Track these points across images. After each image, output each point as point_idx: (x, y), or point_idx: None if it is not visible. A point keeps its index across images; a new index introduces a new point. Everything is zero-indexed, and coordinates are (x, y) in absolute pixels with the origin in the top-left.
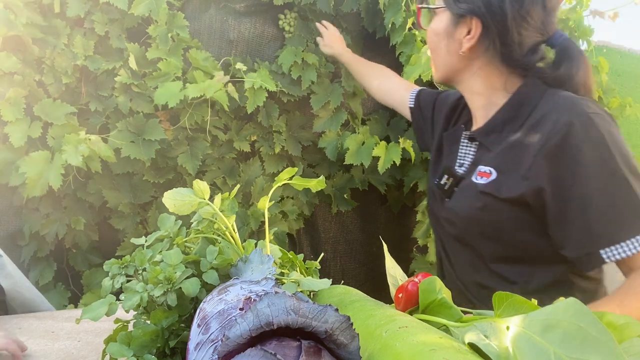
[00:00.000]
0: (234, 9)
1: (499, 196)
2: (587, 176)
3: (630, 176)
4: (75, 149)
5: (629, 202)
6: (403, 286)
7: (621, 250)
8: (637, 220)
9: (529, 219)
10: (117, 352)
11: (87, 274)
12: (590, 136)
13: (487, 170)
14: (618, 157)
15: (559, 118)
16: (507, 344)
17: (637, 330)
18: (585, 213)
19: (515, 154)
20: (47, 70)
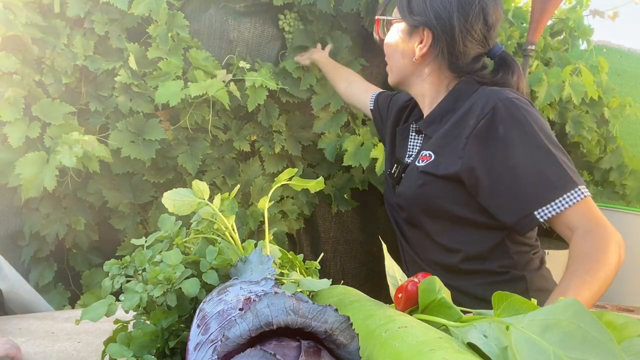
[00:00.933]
0: (234, 9)
1: (437, 173)
2: (514, 149)
3: (551, 146)
4: (69, 149)
5: (553, 166)
6: (403, 286)
7: (552, 209)
8: (562, 182)
9: (464, 194)
10: (116, 352)
11: (86, 274)
12: (514, 115)
13: (427, 154)
14: (539, 131)
15: (485, 103)
16: (506, 344)
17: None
18: (517, 181)
19: (451, 138)
20: (47, 70)
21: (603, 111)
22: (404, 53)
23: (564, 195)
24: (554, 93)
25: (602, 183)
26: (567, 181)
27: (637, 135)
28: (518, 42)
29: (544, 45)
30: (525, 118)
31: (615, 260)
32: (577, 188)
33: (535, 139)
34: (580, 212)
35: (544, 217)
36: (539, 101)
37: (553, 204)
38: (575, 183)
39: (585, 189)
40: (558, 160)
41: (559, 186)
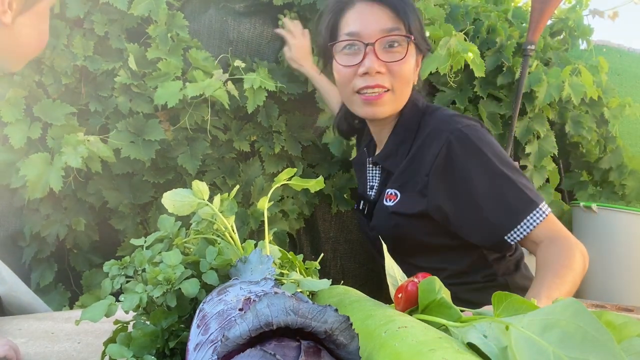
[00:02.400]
0: (234, 9)
1: (405, 213)
2: (473, 182)
3: (507, 170)
4: (74, 150)
5: (512, 191)
6: (402, 286)
7: (519, 232)
8: (523, 205)
9: (436, 226)
10: (116, 352)
11: (87, 274)
12: (467, 147)
13: (392, 193)
14: (493, 158)
15: (438, 138)
16: (506, 344)
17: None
18: (482, 212)
19: (411, 175)
20: (46, 71)
21: (603, 111)
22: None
23: (527, 218)
24: (553, 93)
25: (602, 183)
26: (528, 203)
27: (636, 135)
28: (518, 42)
29: (543, 45)
30: (478, 147)
31: (581, 266)
32: (538, 208)
33: (490, 167)
34: (544, 229)
35: (513, 240)
36: (538, 101)
37: (519, 227)
38: (535, 203)
39: (545, 205)
40: (516, 183)
41: (521, 210)
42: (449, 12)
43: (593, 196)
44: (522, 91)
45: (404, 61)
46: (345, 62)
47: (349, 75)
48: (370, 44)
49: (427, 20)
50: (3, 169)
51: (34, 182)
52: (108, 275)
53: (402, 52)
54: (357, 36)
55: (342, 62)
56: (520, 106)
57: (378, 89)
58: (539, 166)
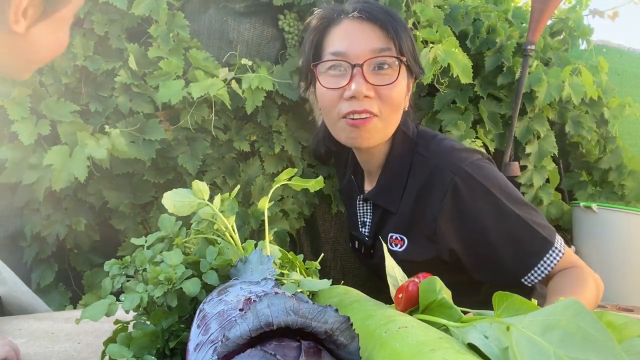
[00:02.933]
0: (234, 9)
1: (416, 260)
2: (484, 225)
3: (517, 209)
4: (96, 142)
5: (526, 232)
6: (403, 286)
7: (537, 274)
8: (539, 246)
9: (450, 266)
10: (116, 353)
11: (87, 274)
12: (474, 189)
13: (398, 238)
14: (501, 197)
15: (442, 181)
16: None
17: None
18: (496, 255)
19: (417, 220)
20: (46, 71)
21: (603, 111)
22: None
23: (544, 259)
24: (553, 93)
25: (601, 183)
26: (543, 243)
27: (636, 135)
28: (518, 42)
29: (543, 45)
30: (484, 187)
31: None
32: (554, 247)
33: (501, 208)
34: (561, 266)
35: (532, 282)
36: (538, 101)
37: (537, 268)
38: (551, 243)
39: (560, 241)
40: (527, 222)
41: (536, 252)
42: (449, 12)
43: (592, 196)
44: (522, 91)
45: (394, 85)
46: (330, 85)
47: (334, 98)
48: (358, 65)
49: (425, 22)
50: (13, 166)
51: (59, 170)
52: (109, 275)
53: (393, 75)
54: (344, 56)
55: (327, 84)
56: (520, 106)
57: (366, 115)
58: (539, 166)
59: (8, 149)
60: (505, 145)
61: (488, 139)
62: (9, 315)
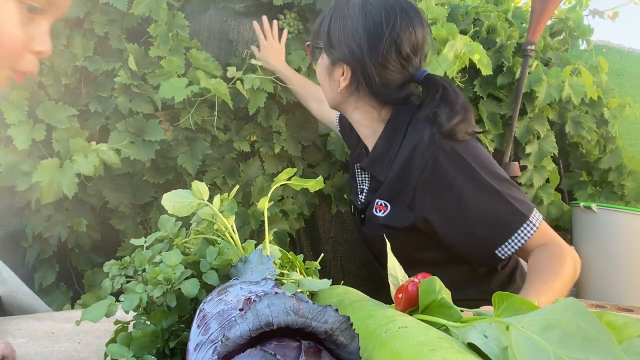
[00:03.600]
0: (234, 10)
1: (395, 226)
2: (461, 195)
3: (497, 184)
4: (85, 158)
5: (501, 205)
6: (403, 286)
7: (510, 246)
8: (513, 218)
9: (425, 239)
10: (117, 353)
11: (88, 274)
12: (454, 160)
13: (382, 204)
14: (481, 171)
15: (426, 152)
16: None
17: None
18: (471, 227)
19: (399, 187)
20: (46, 71)
21: (603, 111)
22: (331, 83)
23: (518, 232)
24: (553, 93)
25: (601, 183)
26: (518, 217)
27: (636, 135)
28: (518, 42)
29: (543, 45)
30: (465, 160)
31: (571, 273)
32: (528, 221)
33: (478, 180)
34: (536, 240)
35: (505, 254)
36: (538, 101)
37: (510, 241)
38: (525, 216)
39: (536, 216)
40: (505, 196)
41: (511, 223)
42: (449, 12)
43: (592, 196)
44: (522, 91)
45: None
46: None
47: None
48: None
49: (430, 20)
50: (7, 171)
51: (47, 187)
52: (109, 275)
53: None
54: None
55: None
56: (520, 106)
57: None
58: (539, 166)
59: (3, 153)
60: (505, 146)
61: (488, 139)
62: (9, 316)
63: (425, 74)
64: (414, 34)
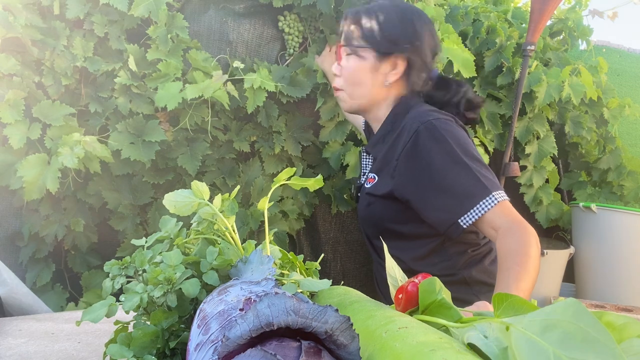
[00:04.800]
0: (233, 10)
1: (376, 194)
2: (434, 166)
3: (468, 160)
4: (70, 150)
5: (469, 178)
6: (403, 287)
7: (471, 216)
8: (477, 190)
9: (401, 210)
10: (117, 353)
11: (86, 275)
12: (433, 136)
13: (372, 176)
14: (456, 147)
15: (410, 127)
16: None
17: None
18: (440, 195)
19: (387, 160)
20: (46, 72)
21: (602, 111)
22: (374, 79)
23: (480, 203)
24: (553, 93)
25: (600, 184)
26: (482, 189)
27: (636, 135)
28: (517, 43)
29: (543, 46)
30: (444, 137)
31: (537, 252)
32: (491, 195)
33: (452, 155)
34: (498, 215)
35: (466, 223)
36: (538, 101)
37: (472, 211)
38: (489, 190)
39: (500, 194)
40: (473, 171)
41: (474, 195)
42: (449, 12)
43: (592, 196)
44: (521, 91)
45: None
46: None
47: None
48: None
49: None
50: (2, 170)
51: (31, 183)
52: (108, 276)
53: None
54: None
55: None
56: (520, 106)
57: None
58: (538, 166)
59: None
60: (505, 146)
61: (487, 139)
62: (9, 316)
63: (437, 72)
64: (435, 37)
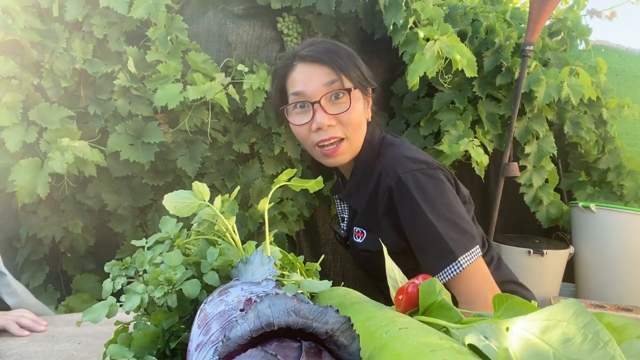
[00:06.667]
0: (232, 12)
1: (371, 250)
2: (407, 226)
3: (435, 219)
4: (61, 155)
5: (434, 240)
6: (403, 288)
7: (440, 278)
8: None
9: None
10: (117, 353)
11: (77, 278)
12: (402, 194)
13: (360, 231)
14: (424, 206)
15: (384, 184)
16: (506, 345)
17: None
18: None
19: (371, 215)
20: (45, 74)
21: (601, 112)
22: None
23: (445, 269)
24: (552, 93)
25: (600, 183)
26: (447, 255)
27: (635, 135)
28: (516, 43)
29: (542, 46)
30: (412, 195)
31: None
32: (457, 261)
33: (419, 215)
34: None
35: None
36: (537, 101)
37: (440, 274)
38: (454, 257)
39: (467, 258)
40: (439, 233)
41: (439, 260)
42: (448, 12)
43: (591, 196)
44: (521, 91)
45: (350, 110)
46: (298, 122)
47: (305, 132)
48: (316, 102)
49: (425, 20)
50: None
51: (23, 187)
52: (103, 279)
53: (347, 102)
54: (303, 95)
55: (296, 121)
56: (519, 106)
57: (333, 141)
58: (538, 166)
59: None
60: (504, 146)
61: (487, 139)
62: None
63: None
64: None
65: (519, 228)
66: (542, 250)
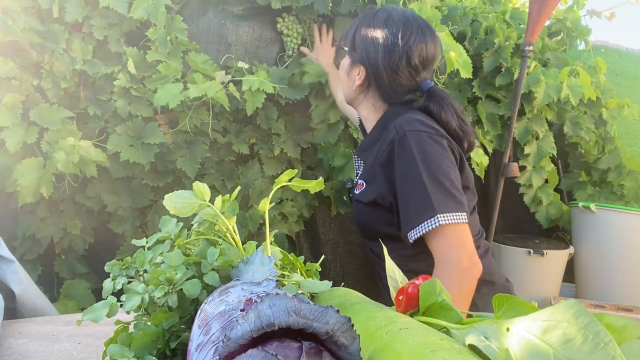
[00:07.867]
0: (232, 12)
1: (364, 201)
2: (399, 178)
3: (426, 177)
4: (65, 155)
5: (420, 194)
6: (403, 288)
7: (416, 232)
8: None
9: (389, 214)
10: (117, 353)
11: (68, 283)
12: (403, 147)
13: (361, 183)
14: (420, 163)
15: (389, 138)
16: (507, 346)
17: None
18: (400, 205)
19: (373, 167)
20: (45, 75)
21: (601, 112)
22: (348, 80)
23: (423, 223)
24: (552, 94)
25: (600, 183)
26: (428, 210)
27: (635, 135)
28: (516, 43)
29: (541, 46)
30: (411, 150)
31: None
32: (435, 217)
33: (413, 170)
34: (435, 239)
35: (412, 237)
36: (537, 102)
37: (416, 228)
38: (434, 212)
39: (446, 217)
40: (426, 189)
41: (420, 214)
42: (447, 13)
43: (591, 196)
44: (520, 92)
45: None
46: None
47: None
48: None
49: None
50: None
51: (26, 187)
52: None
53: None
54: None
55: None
56: (519, 107)
57: None
58: (538, 167)
59: None
60: (504, 146)
61: (487, 139)
62: (21, 317)
63: (429, 85)
64: (425, 49)
65: (519, 228)
66: (542, 251)
